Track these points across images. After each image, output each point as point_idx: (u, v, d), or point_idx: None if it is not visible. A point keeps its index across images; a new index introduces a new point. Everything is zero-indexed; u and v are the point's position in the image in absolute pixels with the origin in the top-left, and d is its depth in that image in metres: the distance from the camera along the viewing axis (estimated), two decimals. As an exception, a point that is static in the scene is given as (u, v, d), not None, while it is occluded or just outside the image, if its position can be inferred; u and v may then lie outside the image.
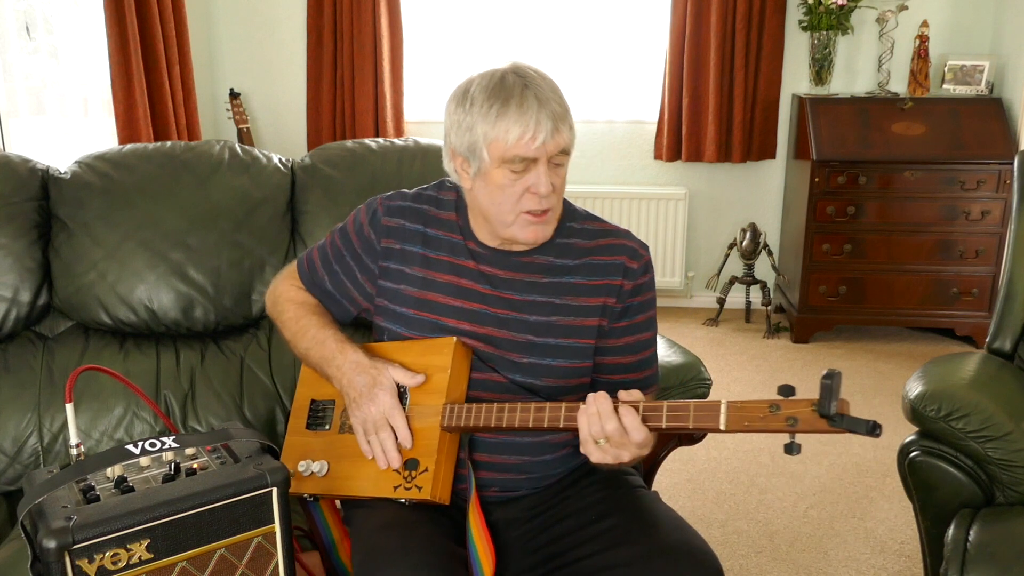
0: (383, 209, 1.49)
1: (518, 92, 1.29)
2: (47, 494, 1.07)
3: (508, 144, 1.29)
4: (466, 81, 1.36)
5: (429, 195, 1.50)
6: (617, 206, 4.39)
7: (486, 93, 1.30)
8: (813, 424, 1.10)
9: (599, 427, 1.22)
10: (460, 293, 1.42)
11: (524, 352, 1.40)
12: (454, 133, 1.36)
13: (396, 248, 1.47)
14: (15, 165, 1.85)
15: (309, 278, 1.57)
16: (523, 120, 1.28)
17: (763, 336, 4.19)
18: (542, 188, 1.31)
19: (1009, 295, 1.98)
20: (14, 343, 1.81)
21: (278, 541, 1.17)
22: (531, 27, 4.40)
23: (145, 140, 3.46)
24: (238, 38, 4.50)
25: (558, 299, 1.41)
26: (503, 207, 1.34)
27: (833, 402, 1.07)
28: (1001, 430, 1.64)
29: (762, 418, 1.14)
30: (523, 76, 1.31)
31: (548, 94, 1.30)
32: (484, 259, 1.43)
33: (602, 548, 1.29)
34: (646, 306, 1.46)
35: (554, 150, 1.30)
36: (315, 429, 1.49)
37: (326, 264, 1.54)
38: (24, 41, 3.27)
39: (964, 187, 3.79)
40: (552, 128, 1.29)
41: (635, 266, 1.43)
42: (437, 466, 1.33)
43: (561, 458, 1.45)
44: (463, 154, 1.35)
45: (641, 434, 1.20)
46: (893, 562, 2.41)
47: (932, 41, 4.06)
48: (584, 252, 1.43)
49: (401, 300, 1.45)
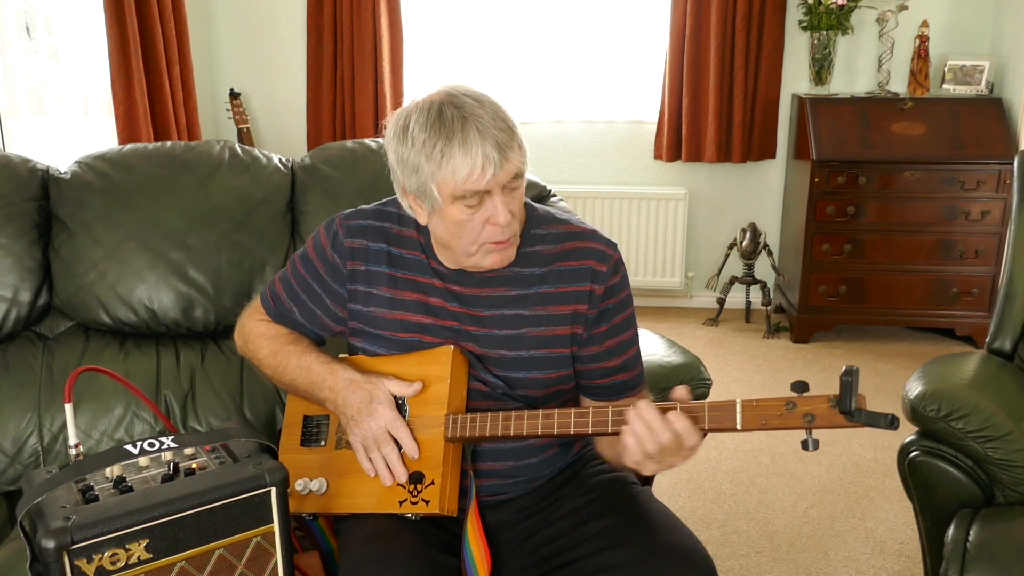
0: (343, 230, 1.43)
1: (459, 128, 1.22)
2: (46, 494, 1.07)
3: (457, 183, 1.23)
4: (403, 116, 1.29)
5: (390, 212, 1.44)
6: (617, 206, 4.39)
7: (426, 132, 1.24)
8: (831, 419, 1.11)
9: (653, 442, 1.18)
10: (430, 311, 1.40)
11: (498, 367, 1.39)
12: (400, 172, 1.30)
13: (362, 270, 1.42)
14: (15, 165, 1.85)
15: (276, 312, 1.51)
16: (468, 156, 1.22)
17: (763, 336, 4.19)
18: (501, 219, 1.26)
19: (1009, 295, 1.98)
20: (14, 343, 1.81)
21: (277, 541, 1.16)
22: (531, 27, 4.39)
23: (145, 140, 3.46)
24: (238, 38, 4.50)
25: (527, 311, 1.38)
26: (464, 240, 1.30)
27: (853, 398, 1.09)
28: (1001, 430, 1.64)
29: (779, 415, 1.14)
30: (460, 107, 1.24)
31: (488, 122, 1.23)
32: (449, 278, 1.40)
33: (597, 549, 1.29)
34: (622, 306, 1.42)
35: (506, 178, 1.25)
36: (310, 446, 1.44)
37: (292, 295, 1.48)
38: (24, 41, 3.28)
39: (964, 187, 3.78)
40: (500, 158, 1.23)
41: (603, 269, 1.38)
42: (443, 478, 1.30)
43: (547, 459, 1.45)
44: (413, 193, 1.30)
45: (695, 437, 1.17)
46: (893, 562, 2.41)
47: (932, 41, 4.06)
48: (550, 259, 1.39)
49: (375, 323, 1.42)
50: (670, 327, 4.30)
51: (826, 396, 1.12)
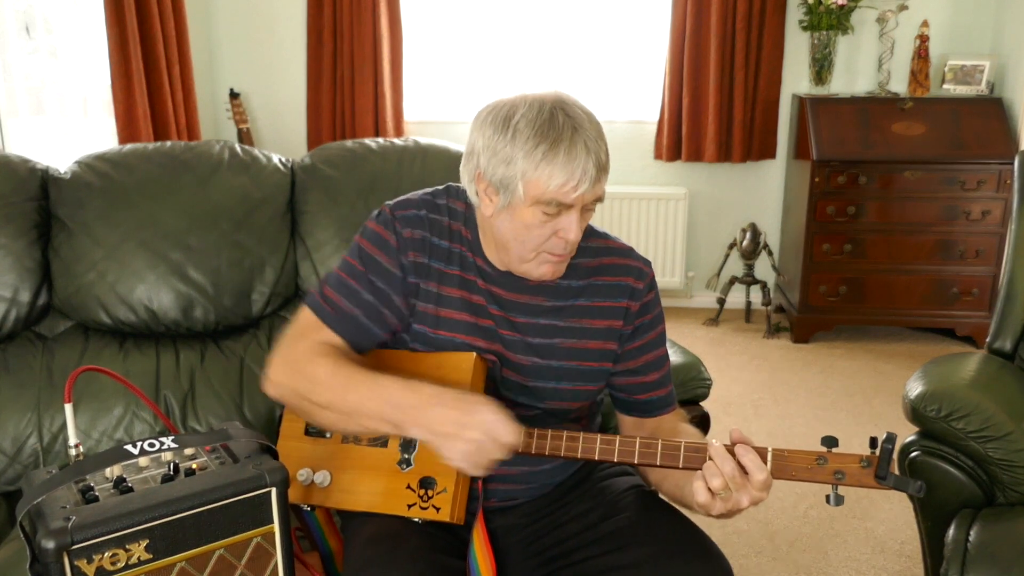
0: (400, 222, 1.36)
1: (568, 136, 1.21)
2: (46, 494, 1.07)
3: (549, 188, 1.22)
4: (508, 106, 1.26)
5: (440, 204, 1.40)
6: (617, 206, 4.39)
7: (532, 128, 1.22)
8: (860, 480, 1.14)
9: (716, 473, 1.16)
10: (471, 309, 1.37)
11: (528, 375, 1.38)
12: (486, 159, 1.26)
13: (421, 262, 1.36)
14: (15, 165, 1.85)
15: (336, 319, 1.35)
16: (570, 168, 1.21)
17: (763, 336, 4.19)
18: (571, 235, 1.26)
19: (1009, 295, 1.98)
20: (14, 343, 1.81)
21: (277, 541, 1.16)
22: (531, 27, 4.39)
23: (145, 140, 3.46)
24: (238, 38, 4.50)
25: (562, 321, 1.38)
26: (526, 245, 1.29)
27: (890, 464, 1.12)
28: (1001, 430, 1.64)
29: (808, 468, 1.16)
30: (572, 117, 1.23)
31: (596, 142, 1.23)
32: (491, 278, 1.38)
33: (609, 549, 1.28)
34: (656, 322, 1.45)
35: (591, 198, 1.26)
36: (315, 436, 1.41)
37: (354, 298, 1.35)
38: (24, 41, 3.27)
39: (964, 187, 3.78)
40: (595, 177, 1.23)
41: (640, 286, 1.41)
42: (456, 486, 1.28)
43: (561, 466, 1.44)
44: (492, 183, 1.27)
45: (763, 473, 1.15)
46: (893, 562, 2.41)
47: (932, 41, 4.06)
48: (589, 272, 1.40)
49: (420, 317, 1.37)
50: (670, 327, 4.26)
51: (858, 456, 1.14)
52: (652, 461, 1.24)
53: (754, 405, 3.43)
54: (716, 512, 1.18)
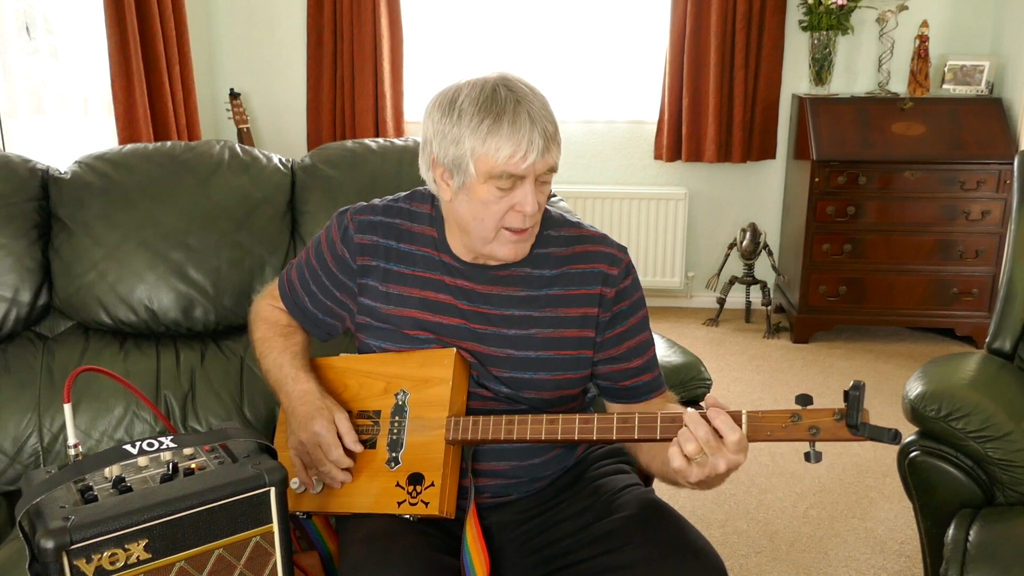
0: (354, 225, 1.44)
1: (511, 108, 1.25)
2: (45, 494, 1.07)
3: (498, 161, 1.25)
4: (452, 90, 1.31)
5: (401, 207, 1.46)
6: (617, 206, 4.39)
7: (476, 106, 1.26)
8: (835, 433, 1.13)
9: (690, 438, 1.16)
10: (437, 308, 1.40)
11: (505, 367, 1.39)
12: (437, 143, 1.31)
13: (372, 265, 1.43)
14: (15, 165, 1.85)
15: (291, 299, 1.53)
16: (515, 138, 1.24)
17: (763, 336, 4.19)
18: (528, 207, 1.28)
19: (1009, 295, 1.98)
20: (14, 343, 1.81)
21: (276, 541, 1.16)
22: (531, 27, 4.40)
23: (145, 140, 3.46)
24: (238, 38, 4.50)
25: (536, 312, 1.39)
26: (485, 223, 1.31)
27: (859, 413, 1.11)
28: (1001, 430, 1.64)
29: (783, 427, 1.15)
30: (514, 91, 1.27)
31: (540, 112, 1.26)
32: (460, 273, 1.40)
33: (606, 549, 1.28)
34: (635, 308, 1.43)
35: (543, 168, 1.27)
36: None
37: (304, 285, 1.51)
38: (24, 41, 3.27)
39: (964, 187, 3.78)
40: (543, 147, 1.25)
41: (615, 272, 1.40)
42: (443, 480, 1.30)
43: (551, 460, 1.44)
44: (446, 166, 1.31)
45: (736, 434, 1.14)
46: (893, 562, 2.41)
47: (932, 41, 4.06)
48: (561, 261, 1.40)
49: (382, 318, 1.43)
50: (670, 327, 4.30)
51: (831, 410, 1.14)
52: (631, 436, 1.24)
53: (754, 405, 3.41)
54: (694, 478, 1.18)
